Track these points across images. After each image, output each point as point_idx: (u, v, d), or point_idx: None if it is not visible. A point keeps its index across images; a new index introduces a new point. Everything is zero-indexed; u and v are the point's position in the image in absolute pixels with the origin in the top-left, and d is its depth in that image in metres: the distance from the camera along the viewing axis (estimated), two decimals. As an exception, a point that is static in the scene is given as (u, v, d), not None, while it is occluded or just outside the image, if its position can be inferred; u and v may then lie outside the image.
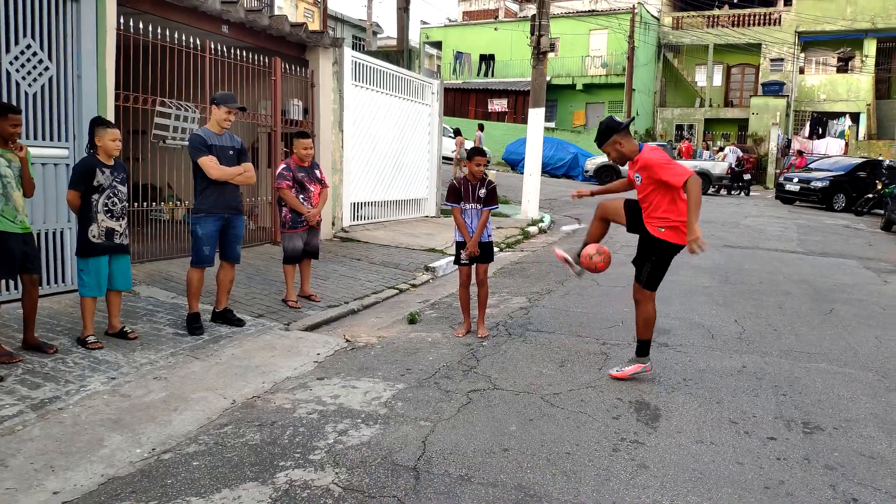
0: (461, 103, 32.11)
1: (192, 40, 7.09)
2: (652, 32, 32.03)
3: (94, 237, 4.58)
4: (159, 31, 6.67)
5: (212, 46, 7.36)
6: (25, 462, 3.11)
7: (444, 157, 15.43)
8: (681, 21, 32.70)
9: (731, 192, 22.87)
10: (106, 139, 4.59)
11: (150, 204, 7.17)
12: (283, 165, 6.05)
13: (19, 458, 3.14)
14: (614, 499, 2.96)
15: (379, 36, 37.48)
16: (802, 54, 30.91)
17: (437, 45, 37.05)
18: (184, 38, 6.98)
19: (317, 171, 6.17)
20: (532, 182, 12.81)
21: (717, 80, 32.99)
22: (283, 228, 6.10)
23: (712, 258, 9.30)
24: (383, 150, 10.67)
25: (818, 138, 27.84)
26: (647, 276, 4.39)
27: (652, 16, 32.11)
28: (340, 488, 2.97)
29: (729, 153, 24.15)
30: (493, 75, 33.92)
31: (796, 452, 3.49)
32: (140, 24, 6.44)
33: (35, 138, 5.35)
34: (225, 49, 7.53)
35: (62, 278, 5.69)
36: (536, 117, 12.82)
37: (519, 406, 3.97)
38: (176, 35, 6.88)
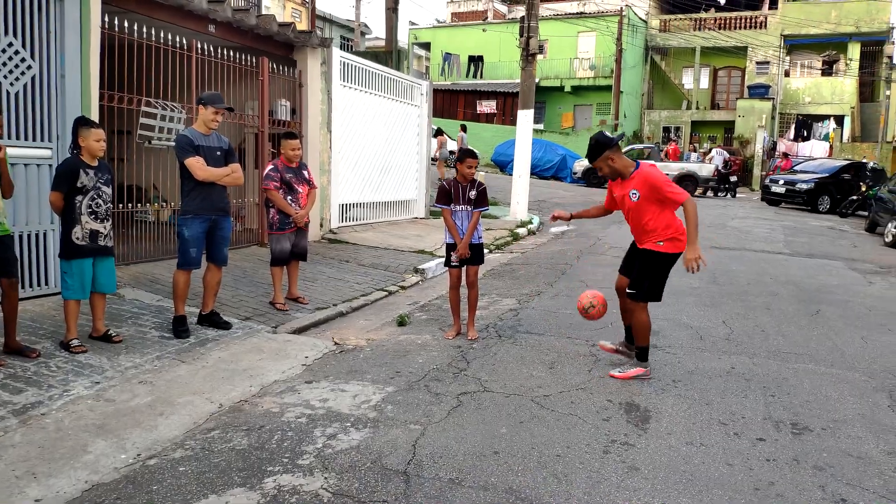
0: (450, 104, 32.09)
1: (178, 40, 7.02)
2: (639, 35, 32.21)
3: (77, 239, 4.50)
4: (145, 30, 6.60)
5: (198, 46, 7.30)
6: (6, 469, 3.05)
7: (432, 158, 15.38)
8: (668, 24, 32.92)
9: (718, 193, 23.04)
10: (90, 139, 4.52)
11: (136, 205, 7.09)
12: (270, 166, 6.00)
13: (0, 465, 3.08)
14: (605, 502, 2.95)
15: (367, 37, 37.43)
16: (788, 57, 31.21)
17: (426, 46, 37.03)
18: (170, 38, 6.91)
19: (305, 172, 6.13)
20: (521, 184, 12.81)
21: (704, 83, 33.24)
22: (270, 230, 6.06)
23: (700, 259, 9.33)
24: (372, 151, 10.62)
25: (803, 141, 28.09)
26: (647, 290, 4.44)
27: (640, 18, 32.30)
28: (330, 493, 2.93)
29: (715, 155, 24.34)
30: (481, 77, 33.94)
31: (785, 453, 3.50)
32: (125, 23, 6.37)
33: (18, 138, 5.26)
34: (212, 49, 7.47)
35: (45, 281, 5.60)
36: (525, 119, 12.82)
37: (509, 408, 3.96)
38: (162, 34, 6.81)
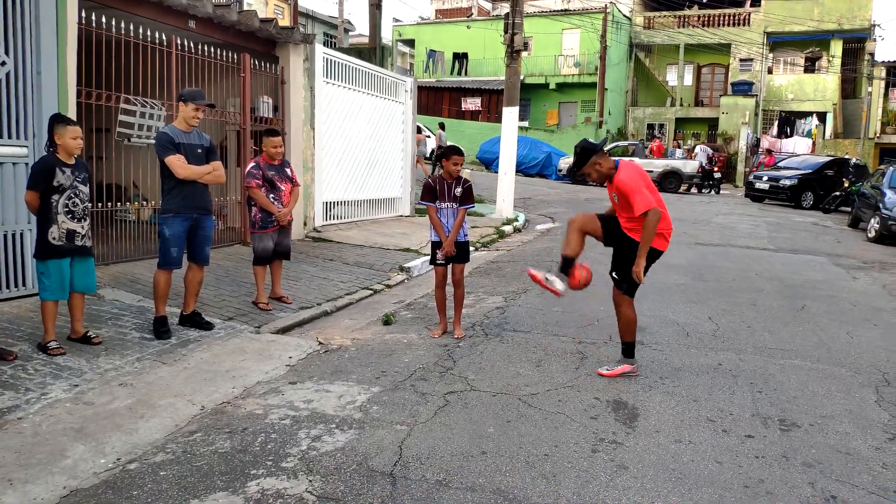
0: (435, 102, 32.03)
1: (157, 36, 6.89)
2: (624, 32, 32.31)
3: (53, 239, 4.40)
4: (123, 25, 6.47)
5: (178, 42, 7.17)
6: (-20, 476, 2.96)
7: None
8: (652, 21, 33.04)
9: (702, 190, 23.19)
10: (66, 137, 4.42)
11: (115, 204, 6.95)
12: (252, 164, 5.92)
13: (-26, 472, 2.99)
14: (594, 501, 2.92)
15: (350, 33, 37.21)
16: (771, 54, 31.45)
17: (410, 42, 36.93)
18: (149, 34, 6.78)
19: (287, 170, 6.04)
20: (506, 181, 12.78)
21: (688, 80, 33.41)
22: (252, 228, 5.97)
23: (685, 256, 9.37)
24: (356, 149, 10.53)
25: (786, 137, 28.35)
26: (628, 284, 4.41)
27: (624, 15, 32.39)
28: (315, 496, 2.88)
29: (699, 152, 24.48)
30: (466, 74, 33.91)
31: (774, 450, 3.49)
32: (103, 19, 6.24)
33: (-8, 136, 5.14)
34: (192, 45, 7.34)
35: (22, 282, 5.48)
36: (510, 116, 12.79)
37: (496, 407, 3.92)
38: (141, 30, 6.68)
